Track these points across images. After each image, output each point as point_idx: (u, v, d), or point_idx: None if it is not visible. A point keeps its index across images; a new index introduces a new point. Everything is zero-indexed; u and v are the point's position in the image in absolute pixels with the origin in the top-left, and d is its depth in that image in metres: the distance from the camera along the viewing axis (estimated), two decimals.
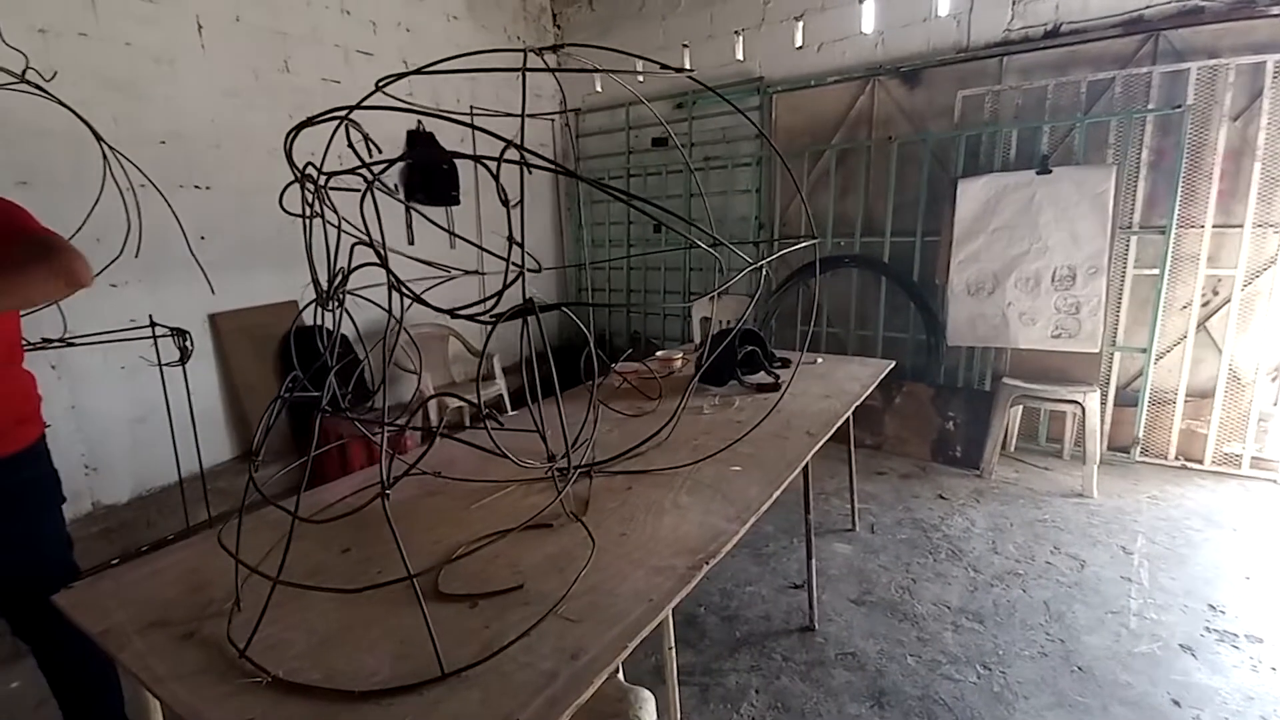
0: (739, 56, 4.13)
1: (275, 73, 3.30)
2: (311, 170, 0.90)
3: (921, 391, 3.62)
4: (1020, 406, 3.41)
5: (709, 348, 1.79)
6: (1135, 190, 3.18)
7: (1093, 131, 3.24)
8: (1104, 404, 3.32)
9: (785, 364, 2.39)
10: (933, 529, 2.74)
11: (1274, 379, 3.07)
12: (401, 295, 0.90)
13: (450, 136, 4.14)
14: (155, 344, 2.24)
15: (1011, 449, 3.59)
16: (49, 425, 1.52)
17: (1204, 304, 3.17)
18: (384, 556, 1.08)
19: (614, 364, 2.28)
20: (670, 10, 4.50)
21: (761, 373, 2.25)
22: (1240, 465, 3.14)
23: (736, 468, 1.46)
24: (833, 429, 1.74)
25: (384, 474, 0.82)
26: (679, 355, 2.47)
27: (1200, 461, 3.23)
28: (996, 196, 3.32)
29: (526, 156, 0.84)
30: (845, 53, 3.92)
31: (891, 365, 2.47)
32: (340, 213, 0.93)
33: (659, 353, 2.50)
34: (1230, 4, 2.93)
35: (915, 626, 2.10)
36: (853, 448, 2.69)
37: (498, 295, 0.85)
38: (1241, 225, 3.01)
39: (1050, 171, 3.18)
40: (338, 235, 0.95)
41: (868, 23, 3.68)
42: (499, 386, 3.86)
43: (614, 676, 1.23)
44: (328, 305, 0.93)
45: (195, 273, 2.34)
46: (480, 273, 1.17)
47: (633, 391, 2.12)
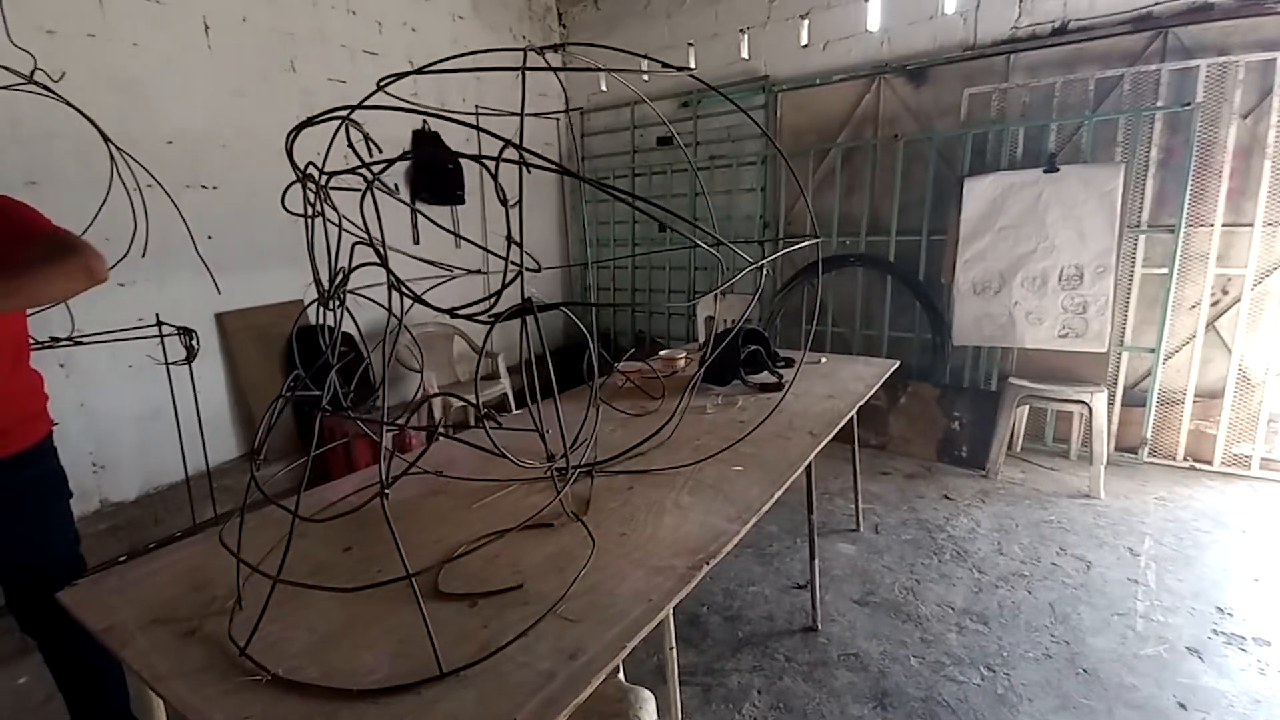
0: (744, 55, 4.12)
1: (282, 73, 3.32)
2: (313, 170, 0.91)
3: (927, 391, 3.60)
4: (1027, 407, 3.39)
5: (710, 347, 1.79)
6: (1144, 188, 3.15)
7: (1101, 129, 3.21)
8: (1111, 404, 3.29)
9: (789, 363, 2.38)
10: (937, 529, 2.73)
11: None
12: (401, 295, 0.90)
13: (456, 136, 4.15)
14: (162, 343, 2.26)
15: (1018, 449, 3.56)
16: (57, 423, 1.53)
17: (1213, 303, 3.15)
18: (385, 555, 1.08)
19: (617, 363, 2.28)
20: (675, 8, 4.49)
21: (765, 372, 2.25)
22: (1250, 466, 3.11)
23: (738, 468, 1.45)
24: (836, 429, 1.73)
25: (383, 474, 0.82)
26: (682, 355, 2.46)
27: (1209, 462, 3.20)
28: (1003, 195, 3.30)
29: (526, 156, 0.84)
30: (851, 51, 3.90)
31: (896, 365, 2.45)
32: (342, 212, 0.94)
33: (662, 352, 2.49)
34: (1240, 1, 2.90)
35: (919, 627, 2.09)
36: (857, 447, 2.68)
37: (497, 295, 0.85)
38: (1252, 224, 2.98)
39: (1058, 170, 3.15)
40: (338, 235, 0.95)
41: (873, 20, 3.67)
42: (503, 386, 3.86)
43: (614, 676, 1.24)
44: (329, 304, 0.93)
45: (202, 272, 2.36)
46: (482, 272, 1.17)
47: (636, 391, 2.12)
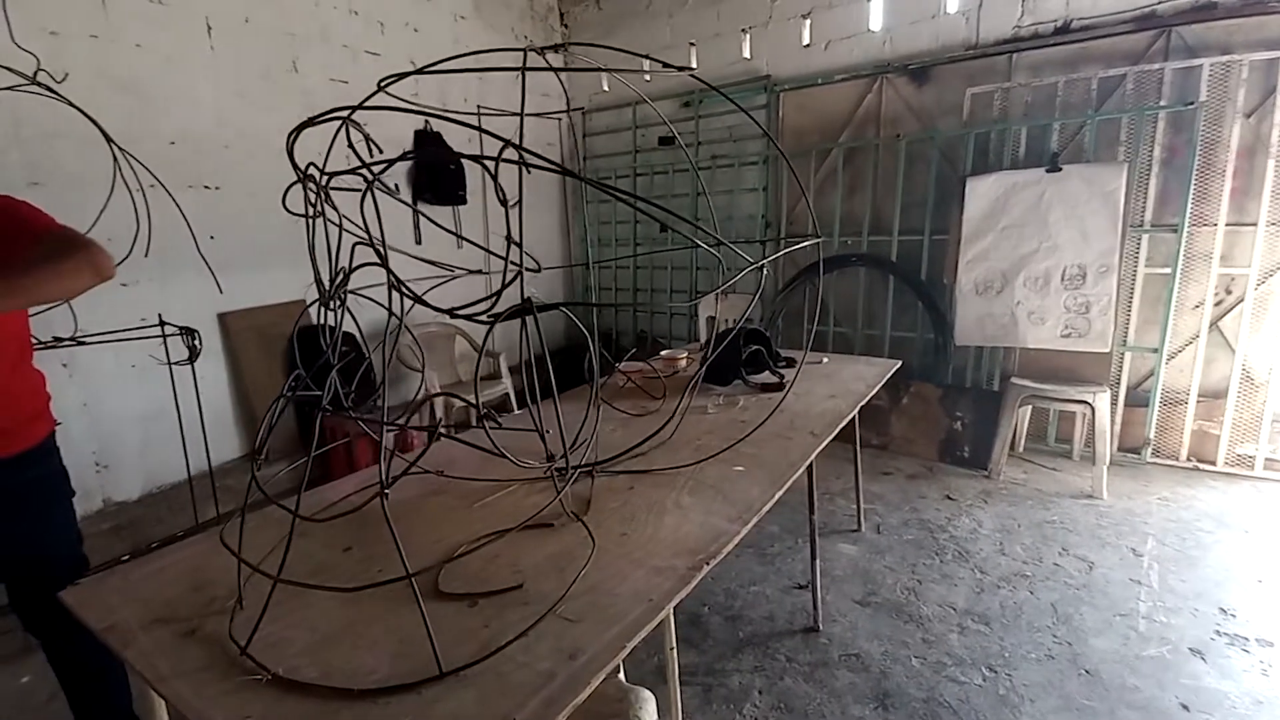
0: (746, 54, 4.12)
1: (284, 73, 3.32)
2: (313, 170, 0.91)
3: (929, 391, 3.59)
4: (1029, 407, 3.39)
5: (711, 347, 1.79)
6: (1147, 188, 3.14)
7: (1103, 129, 3.20)
8: (1114, 404, 3.29)
9: (791, 363, 2.38)
10: (939, 530, 2.73)
11: None
12: (401, 295, 0.90)
13: (458, 136, 4.16)
14: (165, 343, 2.26)
15: (1020, 449, 3.56)
16: (60, 423, 1.54)
17: (1217, 303, 3.14)
18: (385, 555, 1.09)
19: (618, 363, 2.28)
20: (677, 8, 4.49)
21: (766, 372, 2.25)
22: (1253, 467, 3.10)
23: (739, 468, 1.45)
24: (837, 429, 1.73)
25: (383, 474, 0.82)
26: (684, 355, 2.46)
27: (1212, 463, 3.19)
28: (1005, 195, 3.29)
29: (526, 156, 0.84)
30: (853, 50, 3.89)
31: (898, 365, 2.45)
32: (344, 213, 0.94)
33: (663, 352, 2.49)
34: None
35: (920, 628, 2.09)
36: (858, 448, 2.68)
37: (496, 295, 0.86)
38: (1255, 223, 2.97)
39: (1060, 169, 3.15)
40: (339, 235, 0.95)
41: (876, 20, 3.67)
42: (504, 386, 3.87)
43: (614, 676, 1.24)
44: (329, 305, 0.93)
45: (205, 272, 2.37)
46: (483, 272, 1.17)
47: (638, 391, 2.12)
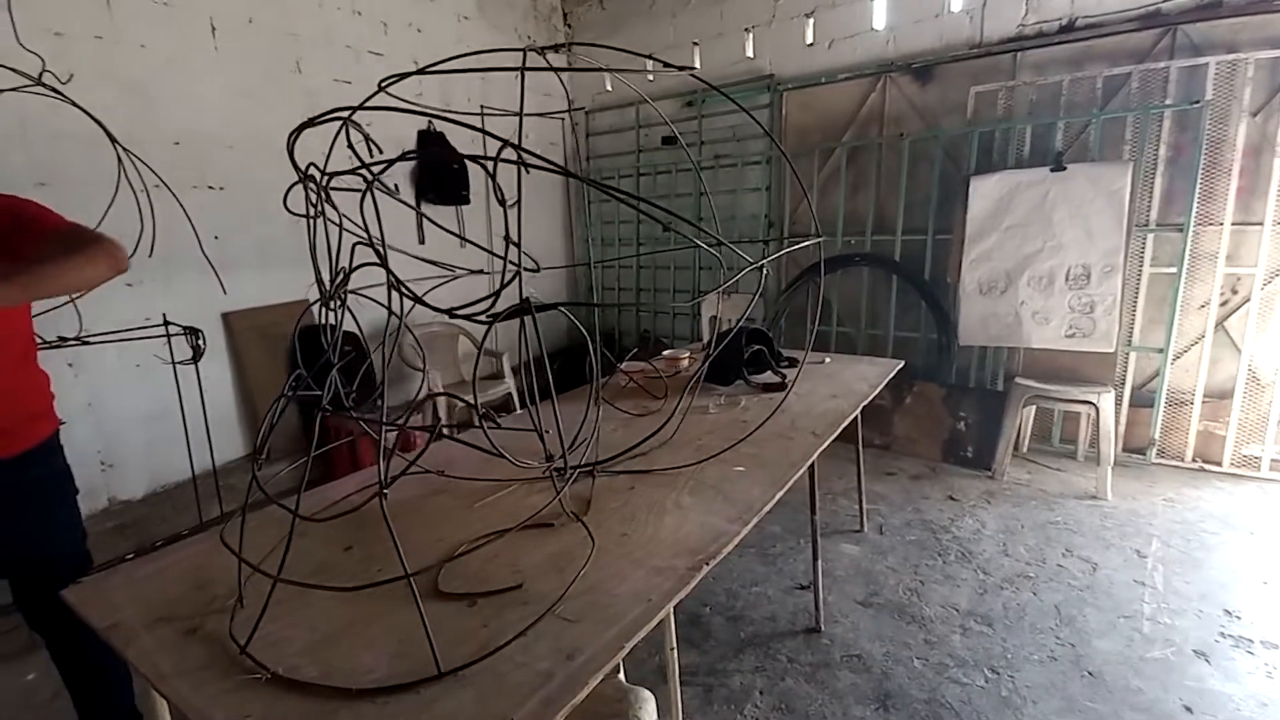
0: (749, 54, 4.11)
1: (288, 74, 3.33)
2: (314, 171, 0.91)
3: (933, 391, 3.58)
4: (1033, 407, 3.37)
5: (711, 347, 1.79)
6: (1152, 187, 3.13)
7: (1108, 127, 3.19)
8: (1119, 405, 3.27)
9: (793, 363, 2.37)
10: (942, 530, 2.72)
11: None
12: (401, 295, 0.91)
13: (462, 137, 4.16)
14: (169, 342, 2.27)
15: (1024, 450, 3.54)
16: (64, 422, 1.54)
17: (1223, 303, 3.12)
18: (385, 555, 1.09)
19: (620, 363, 2.28)
20: (680, 8, 4.49)
21: (768, 372, 2.24)
22: (1259, 468, 3.08)
23: (740, 468, 1.45)
24: (838, 430, 1.72)
25: (382, 474, 0.82)
26: (685, 354, 2.46)
27: (1218, 464, 3.17)
28: (1010, 194, 3.28)
29: (524, 156, 0.84)
30: (856, 49, 3.88)
31: (900, 365, 2.44)
32: (346, 213, 0.94)
33: (665, 352, 2.49)
34: None
35: (923, 629, 2.08)
36: (861, 448, 2.67)
37: (495, 295, 0.86)
38: (1262, 223, 2.95)
39: (1065, 168, 3.13)
40: (339, 235, 0.96)
41: (879, 19, 3.66)
42: (507, 386, 3.87)
43: (614, 677, 1.24)
44: (330, 304, 0.93)
45: (209, 272, 2.38)
46: (485, 272, 1.17)
47: (639, 391, 2.12)
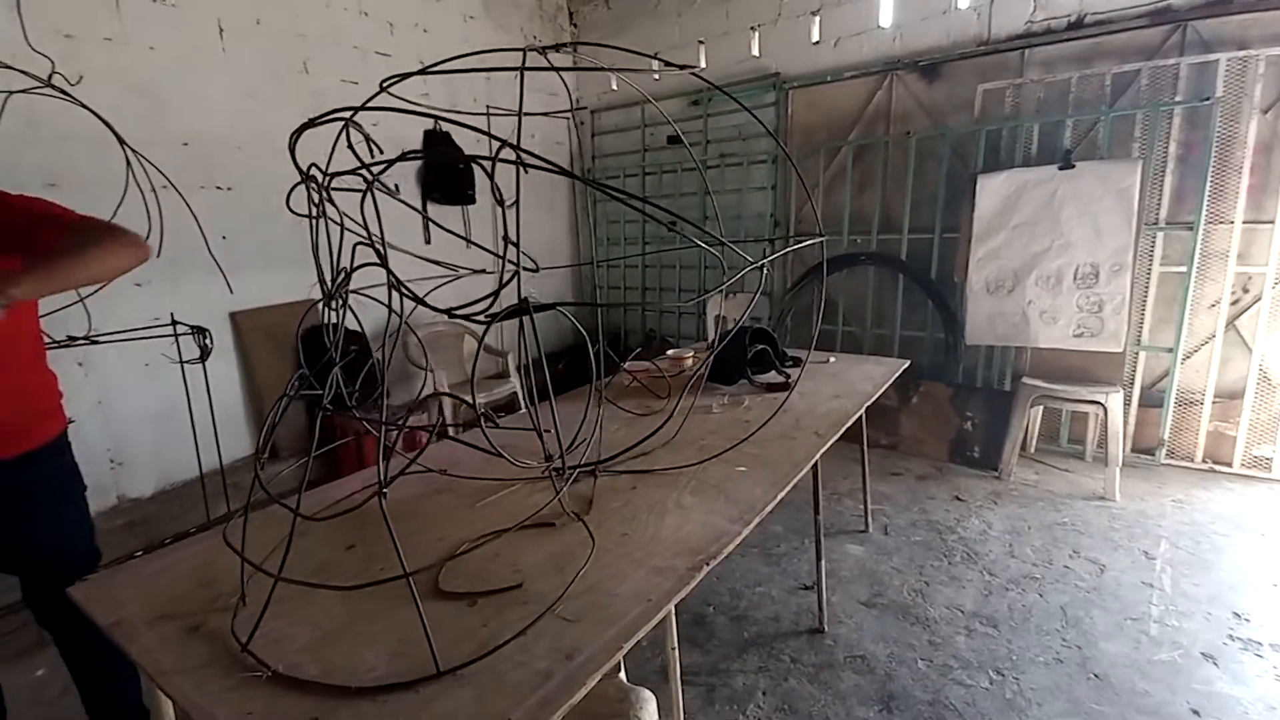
0: (755, 52, 4.10)
1: (295, 74, 3.35)
2: (315, 171, 0.92)
3: (939, 391, 3.56)
4: (1041, 407, 3.35)
5: (713, 347, 1.79)
6: (1162, 185, 3.09)
7: (1118, 125, 3.16)
8: (1128, 405, 3.24)
9: (797, 363, 2.37)
10: (948, 531, 2.70)
11: None
12: (401, 294, 0.91)
13: (468, 137, 4.17)
14: (176, 342, 2.29)
15: (1031, 450, 3.52)
16: (72, 420, 1.56)
17: (1233, 302, 3.08)
18: (387, 554, 1.09)
19: (623, 362, 2.28)
20: (686, 7, 4.47)
21: (772, 372, 2.24)
22: (1270, 469, 3.05)
23: (742, 468, 1.45)
24: (841, 430, 1.72)
25: (381, 473, 0.83)
26: (689, 354, 2.46)
27: (1229, 464, 3.14)
28: (1017, 192, 3.25)
29: (524, 156, 0.84)
30: (863, 47, 3.86)
31: (906, 365, 2.43)
32: (350, 214, 0.94)
33: (670, 351, 2.49)
34: None
35: (927, 630, 2.07)
36: (866, 448, 2.66)
37: (494, 295, 0.86)
38: (1273, 221, 2.91)
39: (1073, 166, 3.11)
40: (340, 235, 0.96)
41: (886, 17, 3.64)
42: (512, 385, 3.88)
43: (615, 677, 1.24)
44: (332, 304, 0.94)
45: (216, 272, 2.40)
46: (487, 271, 1.17)
47: (643, 390, 2.12)
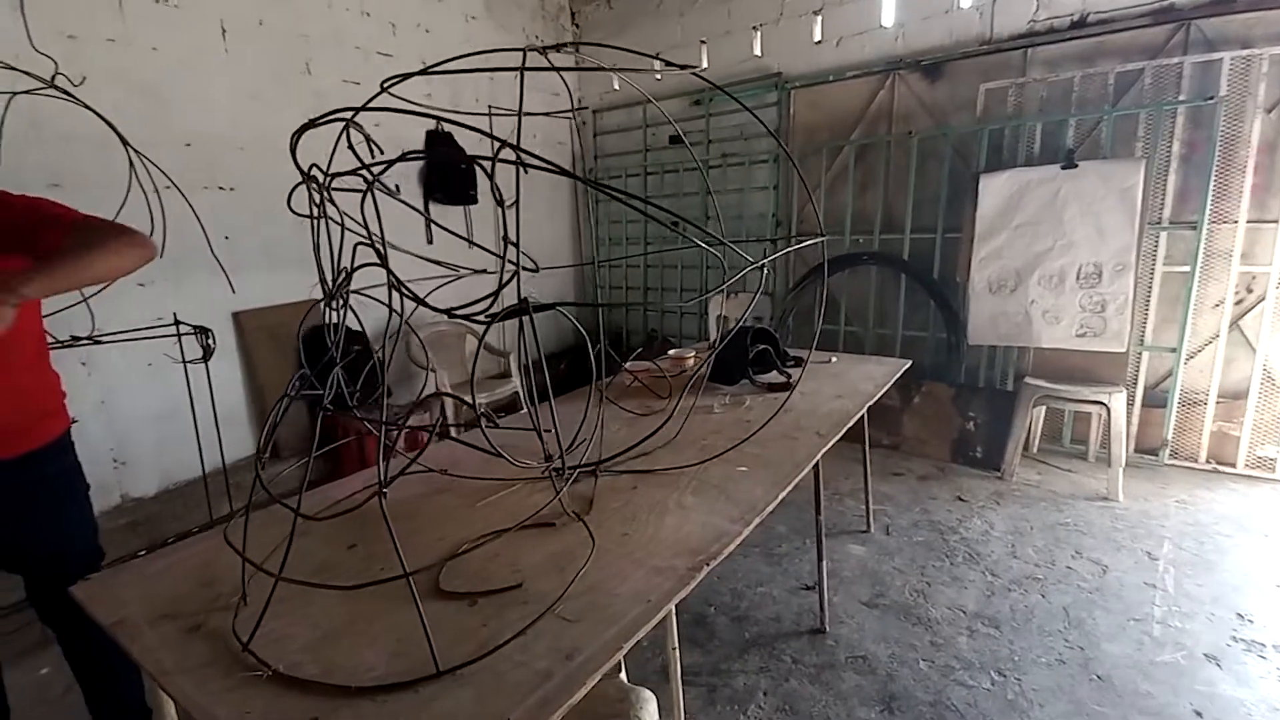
0: (757, 52, 4.09)
1: (297, 75, 3.36)
2: (316, 172, 0.92)
3: (941, 391, 3.56)
4: (1043, 407, 3.34)
5: (713, 347, 1.79)
6: (1165, 184, 3.08)
7: (1121, 124, 3.15)
8: (1131, 405, 3.23)
9: (799, 363, 2.37)
10: (950, 531, 2.70)
11: None
12: (402, 294, 0.91)
13: (471, 137, 4.17)
14: (179, 342, 2.29)
15: (1034, 450, 3.51)
16: (75, 420, 1.56)
17: (1237, 302, 3.07)
18: (388, 553, 1.09)
19: (625, 362, 2.28)
20: (688, 7, 4.47)
21: (774, 372, 2.23)
22: (1274, 469, 3.03)
23: (743, 468, 1.45)
24: (843, 430, 1.72)
25: (381, 473, 0.83)
26: (691, 354, 2.46)
27: (1232, 465, 3.13)
28: (1020, 192, 3.24)
29: (523, 156, 0.84)
30: (865, 47, 3.86)
31: (907, 365, 2.42)
32: (351, 214, 0.95)
33: (671, 351, 2.49)
34: None
35: (929, 630, 2.07)
36: (868, 448, 2.66)
37: (494, 295, 0.86)
38: (1277, 220, 2.90)
39: (1076, 166, 3.10)
40: (341, 235, 0.96)
41: (888, 16, 3.63)
42: (514, 385, 3.88)
43: (615, 677, 1.24)
44: (332, 304, 0.94)
45: (219, 272, 2.40)
46: (488, 271, 1.17)
47: (645, 390, 2.12)
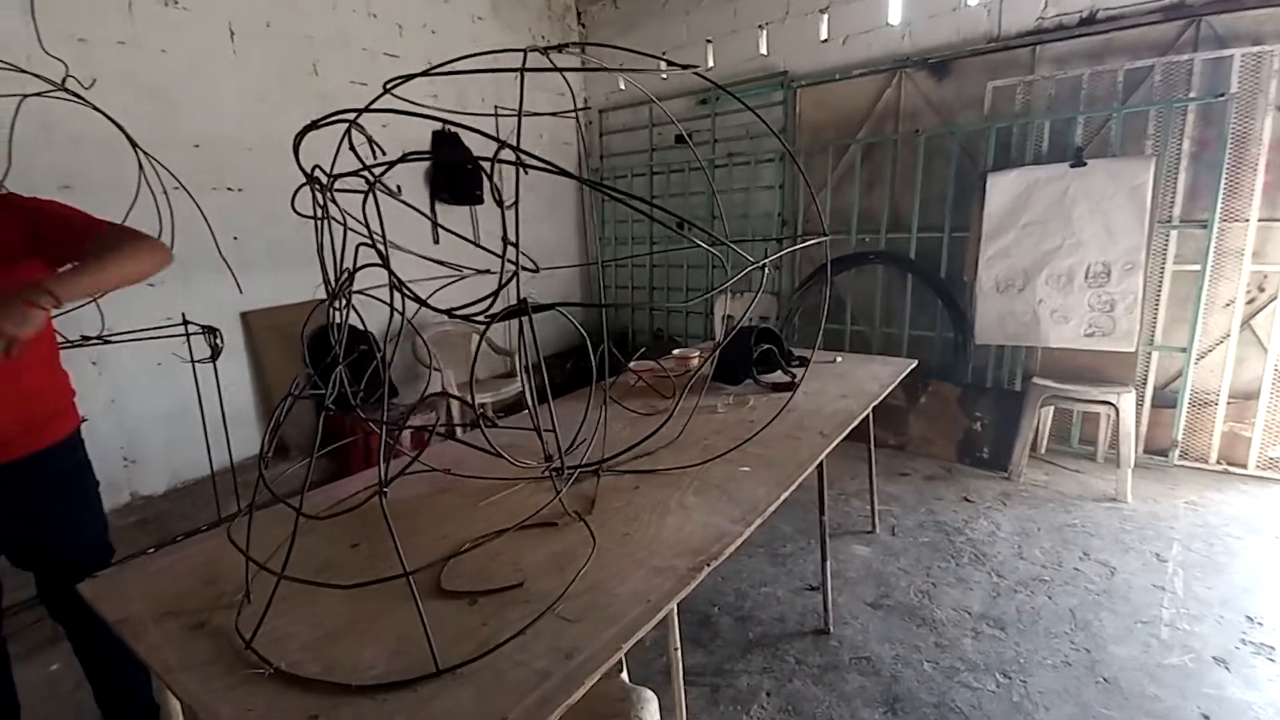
0: (763, 51, 4.08)
1: (304, 76, 3.38)
2: (319, 173, 0.92)
3: (948, 391, 3.54)
4: (1051, 407, 3.31)
5: (716, 347, 1.78)
6: (1175, 182, 3.05)
7: (1130, 122, 3.12)
8: (1140, 405, 3.20)
9: (804, 363, 2.36)
10: (956, 532, 2.68)
11: None
12: (403, 295, 0.91)
13: (477, 137, 4.18)
14: (188, 341, 2.31)
15: (1042, 451, 3.49)
16: (85, 419, 1.58)
17: (1249, 301, 3.04)
18: (391, 552, 1.09)
19: (629, 362, 2.28)
20: (694, 6, 4.47)
21: (778, 372, 2.23)
22: None
23: (745, 468, 1.44)
24: (847, 430, 1.71)
25: (382, 473, 0.83)
26: (696, 354, 2.46)
27: (1243, 466, 3.09)
28: (1028, 190, 3.22)
29: (523, 157, 0.85)
30: (871, 45, 3.84)
31: (913, 365, 2.41)
32: (356, 215, 0.95)
33: (675, 351, 2.49)
34: None
35: (933, 632, 2.06)
36: (873, 448, 2.65)
37: (494, 295, 0.86)
38: None
39: (1085, 164, 3.07)
40: (343, 235, 0.97)
41: (895, 14, 3.61)
42: (518, 385, 3.89)
43: (616, 676, 1.24)
44: (335, 304, 0.95)
45: (228, 272, 2.42)
46: (491, 272, 1.17)
47: (649, 390, 2.12)
